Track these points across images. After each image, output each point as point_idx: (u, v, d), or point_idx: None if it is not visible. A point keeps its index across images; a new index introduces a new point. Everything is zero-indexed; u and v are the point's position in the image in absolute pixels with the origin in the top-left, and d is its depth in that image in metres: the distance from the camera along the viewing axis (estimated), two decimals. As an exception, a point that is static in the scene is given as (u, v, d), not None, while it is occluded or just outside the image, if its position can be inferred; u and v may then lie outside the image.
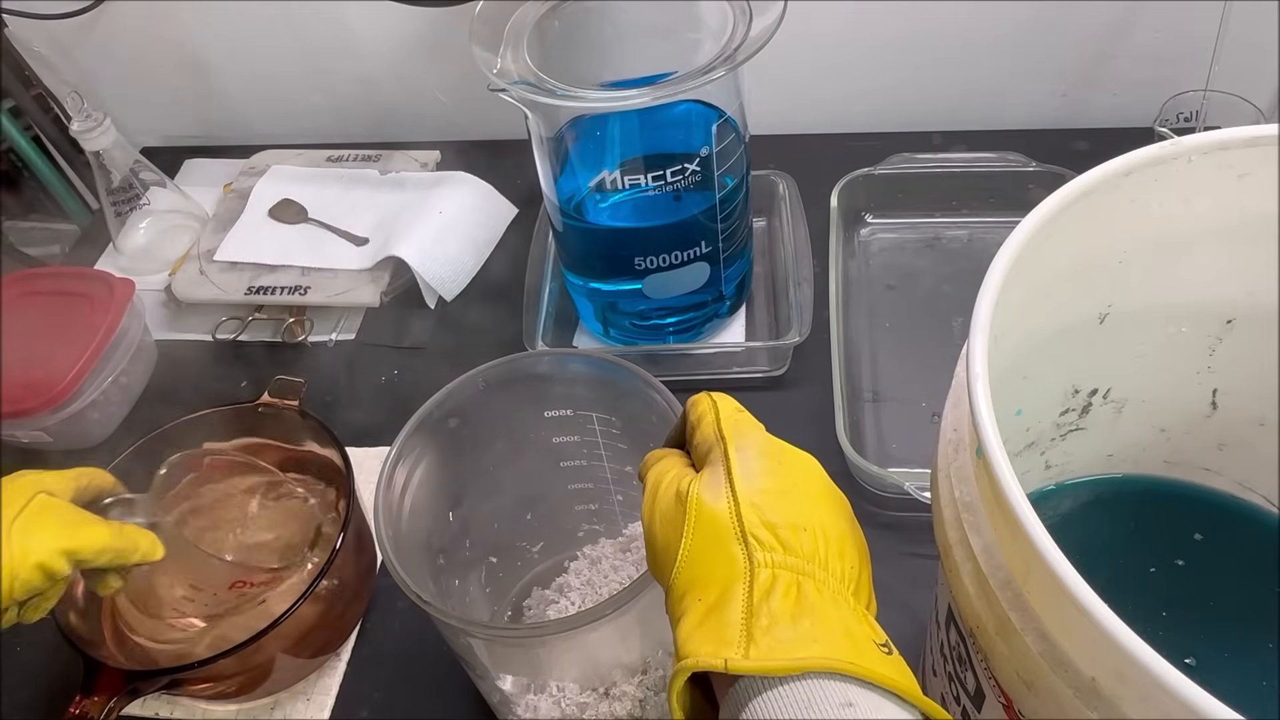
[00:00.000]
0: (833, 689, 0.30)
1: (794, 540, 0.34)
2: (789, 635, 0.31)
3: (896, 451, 0.69)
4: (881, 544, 0.38)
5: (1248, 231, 0.41)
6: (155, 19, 0.93)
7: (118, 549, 0.52)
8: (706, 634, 0.32)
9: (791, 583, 0.33)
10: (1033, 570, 0.30)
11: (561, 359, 0.58)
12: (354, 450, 0.63)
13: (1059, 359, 0.45)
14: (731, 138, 0.65)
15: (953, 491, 0.36)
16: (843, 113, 0.92)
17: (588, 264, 0.73)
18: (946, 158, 0.81)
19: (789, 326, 0.73)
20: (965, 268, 0.80)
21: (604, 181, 0.66)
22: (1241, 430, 0.49)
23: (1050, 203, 0.37)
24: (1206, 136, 0.39)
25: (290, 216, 0.88)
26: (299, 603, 0.55)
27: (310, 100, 0.98)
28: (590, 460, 0.59)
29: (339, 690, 0.62)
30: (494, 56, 0.61)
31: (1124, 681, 0.28)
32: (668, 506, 0.37)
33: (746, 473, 0.36)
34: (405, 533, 0.51)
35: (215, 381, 0.80)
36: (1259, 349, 0.45)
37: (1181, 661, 0.26)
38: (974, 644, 0.36)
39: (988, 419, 0.31)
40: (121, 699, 0.52)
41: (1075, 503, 0.53)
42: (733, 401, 0.40)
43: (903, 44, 0.86)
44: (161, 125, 1.03)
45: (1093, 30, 0.84)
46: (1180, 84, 0.76)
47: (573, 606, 0.58)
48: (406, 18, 0.86)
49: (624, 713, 0.51)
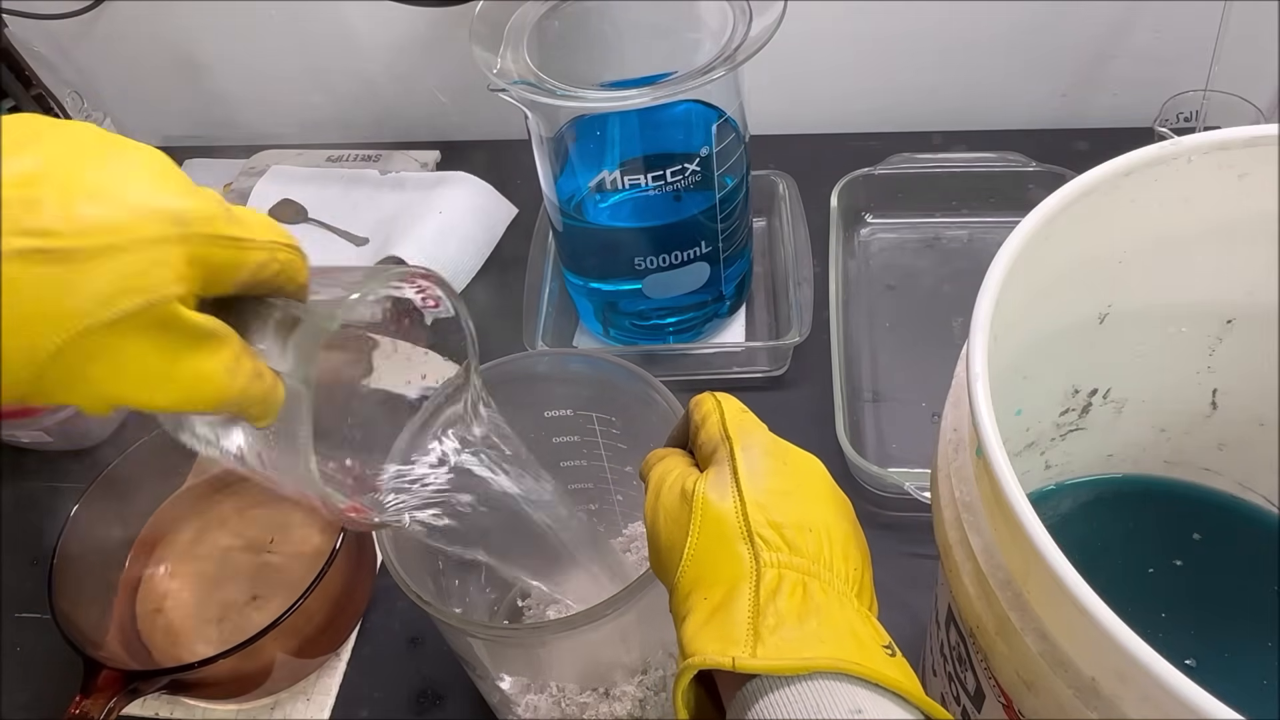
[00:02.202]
0: (841, 692, 0.30)
1: (799, 540, 0.34)
2: (796, 635, 0.31)
3: (896, 451, 0.69)
4: (881, 544, 0.38)
5: (1248, 231, 0.41)
6: (155, 19, 0.93)
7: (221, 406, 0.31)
8: (713, 632, 0.32)
9: (797, 583, 0.33)
10: (1033, 570, 0.30)
11: (561, 359, 0.58)
12: (354, 450, 0.63)
13: (1059, 359, 0.45)
14: (731, 138, 0.65)
15: (953, 491, 0.36)
16: (843, 113, 0.92)
17: (588, 264, 0.73)
18: (946, 158, 0.81)
19: (789, 326, 0.73)
20: (965, 268, 0.80)
21: (604, 181, 0.66)
22: (1241, 430, 0.49)
23: (1050, 203, 0.37)
24: (1206, 136, 0.39)
25: (290, 216, 0.88)
26: (299, 603, 0.55)
27: (310, 100, 0.98)
28: (590, 460, 0.59)
29: (339, 690, 0.62)
30: (494, 56, 0.61)
31: (1124, 681, 0.28)
32: (672, 505, 0.37)
33: (752, 472, 0.36)
34: (405, 533, 0.51)
35: (215, 381, 0.80)
36: (1259, 349, 0.45)
37: (1182, 662, 0.26)
38: (974, 644, 0.36)
39: (988, 419, 0.31)
40: (121, 699, 0.52)
41: (1075, 503, 0.53)
42: (737, 401, 0.41)
43: (903, 44, 0.86)
44: (161, 125, 1.03)
45: (1093, 30, 0.84)
46: (1180, 84, 0.76)
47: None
48: (406, 18, 0.86)
49: (624, 713, 0.51)
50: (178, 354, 0.29)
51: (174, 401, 0.30)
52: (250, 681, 0.59)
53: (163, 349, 0.28)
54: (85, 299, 0.26)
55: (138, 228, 0.27)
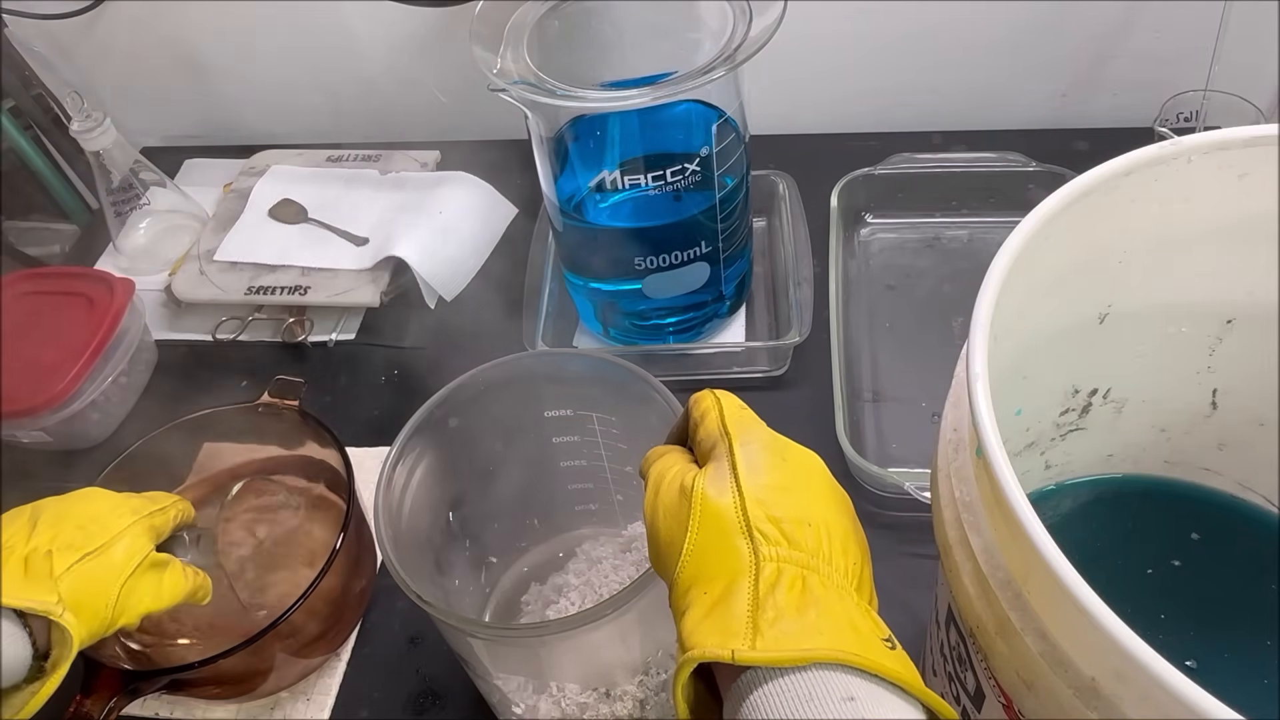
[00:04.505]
0: (835, 681, 0.30)
1: (798, 535, 0.34)
2: (795, 627, 0.31)
3: (896, 451, 0.69)
4: (881, 544, 0.38)
5: (1248, 231, 0.41)
6: (155, 19, 0.93)
7: (184, 599, 0.53)
8: (712, 626, 0.32)
9: (796, 577, 0.33)
10: (1033, 570, 0.30)
11: (561, 359, 0.58)
12: (354, 450, 0.63)
13: (1059, 359, 0.45)
14: (731, 138, 0.65)
15: (953, 491, 0.36)
16: (843, 113, 0.92)
17: (588, 264, 0.73)
18: (946, 158, 0.81)
19: (789, 326, 0.73)
20: (965, 268, 0.80)
21: (604, 181, 0.66)
22: (1241, 430, 0.49)
23: (1050, 203, 0.37)
24: (1206, 136, 0.39)
25: (290, 216, 0.88)
26: (299, 602, 0.55)
27: (310, 100, 0.98)
28: (590, 460, 0.59)
29: (339, 690, 0.62)
30: (494, 56, 0.61)
31: (1124, 681, 0.28)
32: (671, 501, 0.37)
33: (751, 468, 0.36)
34: (405, 533, 0.51)
35: (215, 381, 0.80)
36: (1259, 349, 0.45)
37: (1182, 662, 0.26)
38: (974, 644, 0.36)
39: (988, 419, 0.31)
40: (121, 699, 0.52)
41: (1075, 503, 0.53)
42: (736, 399, 0.41)
43: (903, 44, 0.86)
44: (161, 125, 1.03)
45: (1093, 31, 0.84)
46: (1180, 84, 0.76)
47: (572, 606, 0.58)
48: (406, 18, 0.86)
49: (624, 713, 0.51)
50: (160, 577, 0.51)
51: (170, 603, 0.52)
52: (250, 681, 0.59)
53: (155, 577, 0.51)
54: (120, 564, 0.49)
55: (119, 524, 0.50)
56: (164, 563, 0.52)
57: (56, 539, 0.47)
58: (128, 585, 0.48)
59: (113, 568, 0.48)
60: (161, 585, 0.51)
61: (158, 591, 0.51)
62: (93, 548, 0.48)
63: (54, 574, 0.46)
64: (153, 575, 0.51)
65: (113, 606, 0.47)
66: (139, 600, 0.49)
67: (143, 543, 0.51)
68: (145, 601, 0.50)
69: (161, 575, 0.52)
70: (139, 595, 0.49)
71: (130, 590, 0.49)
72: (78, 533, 0.48)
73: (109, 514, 0.50)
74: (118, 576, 0.48)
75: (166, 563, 0.52)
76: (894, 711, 0.30)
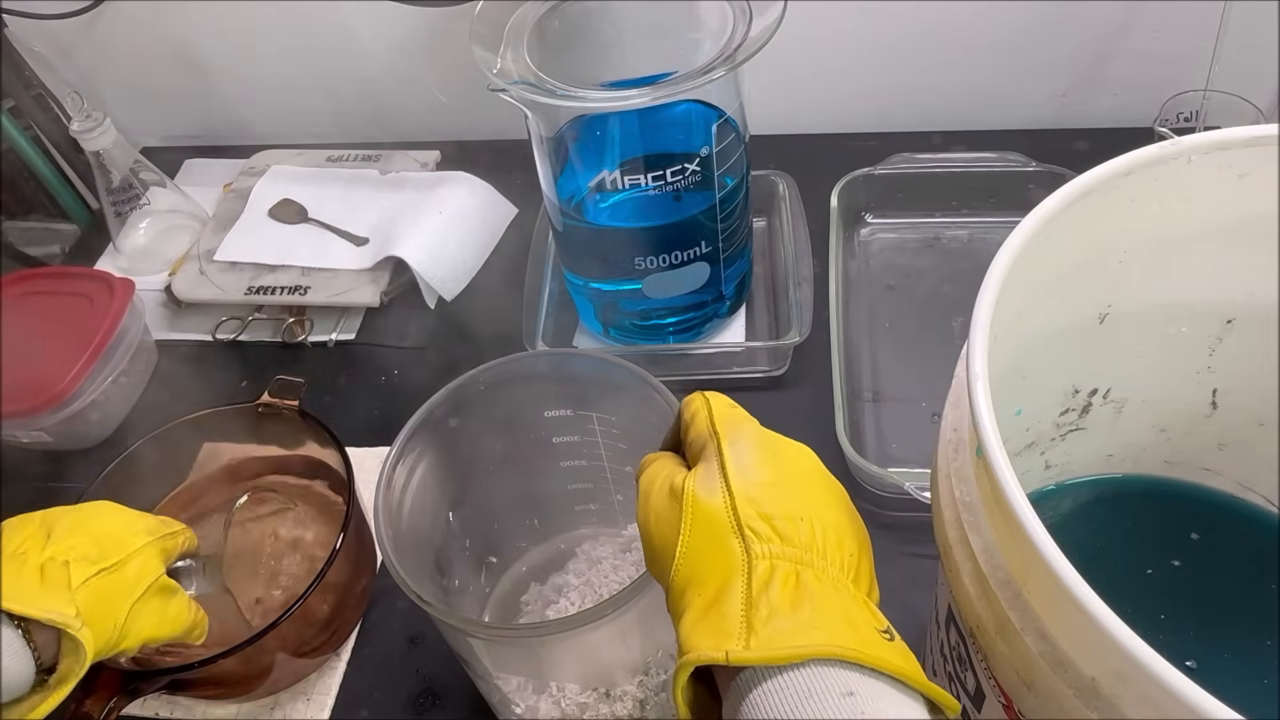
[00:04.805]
0: (833, 677, 0.30)
1: (790, 530, 0.34)
2: (789, 624, 0.31)
3: (896, 451, 0.69)
4: (881, 544, 0.38)
5: (1248, 231, 0.41)
6: (155, 19, 0.93)
7: (182, 633, 0.52)
8: (707, 628, 0.32)
9: (790, 572, 0.33)
10: (1033, 570, 0.30)
11: (561, 359, 0.58)
12: (354, 450, 0.63)
13: (1059, 359, 0.45)
14: (731, 138, 0.65)
15: (953, 491, 0.36)
16: (843, 113, 0.92)
17: (588, 264, 0.73)
18: (946, 158, 0.81)
19: (789, 326, 0.73)
20: (965, 268, 0.80)
21: (604, 181, 0.66)
22: (1241, 430, 0.49)
23: (1050, 203, 0.37)
24: (1206, 136, 0.39)
25: (290, 216, 0.88)
26: (299, 602, 0.55)
27: (310, 100, 0.98)
28: (590, 460, 0.59)
29: (339, 690, 0.62)
30: (494, 56, 0.61)
31: (1124, 681, 0.28)
32: (662, 504, 0.37)
33: (740, 466, 0.36)
34: (405, 533, 0.51)
35: (215, 381, 0.80)
36: (1259, 349, 0.45)
37: (1182, 662, 0.26)
38: (974, 644, 0.36)
39: (988, 419, 0.31)
40: (121, 699, 0.52)
41: (1075, 503, 0.53)
42: (725, 398, 0.40)
43: (903, 44, 0.86)
44: (161, 125, 1.03)
45: (1093, 31, 0.84)
46: (1180, 84, 0.76)
47: (572, 606, 0.58)
48: (406, 18, 0.86)
49: (624, 713, 0.51)
50: (167, 603, 0.51)
51: (169, 634, 0.51)
52: (250, 681, 0.59)
53: (162, 602, 0.51)
54: (132, 583, 0.48)
55: (135, 543, 0.50)
56: (172, 589, 0.52)
57: (73, 550, 0.47)
58: (136, 606, 0.48)
59: (125, 586, 0.48)
60: (166, 612, 0.51)
61: (161, 618, 0.50)
62: (109, 563, 0.47)
63: (71, 585, 0.45)
64: (159, 600, 0.50)
65: (120, 627, 0.47)
66: (144, 624, 0.49)
67: (155, 564, 0.50)
68: (149, 627, 0.49)
69: (168, 602, 0.51)
70: (145, 619, 0.49)
71: (138, 612, 0.48)
72: (94, 547, 0.47)
73: (125, 531, 0.50)
74: (129, 595, 0.48)
75: (174, 590, 0.52)
76: (893, 705, 0.30)
